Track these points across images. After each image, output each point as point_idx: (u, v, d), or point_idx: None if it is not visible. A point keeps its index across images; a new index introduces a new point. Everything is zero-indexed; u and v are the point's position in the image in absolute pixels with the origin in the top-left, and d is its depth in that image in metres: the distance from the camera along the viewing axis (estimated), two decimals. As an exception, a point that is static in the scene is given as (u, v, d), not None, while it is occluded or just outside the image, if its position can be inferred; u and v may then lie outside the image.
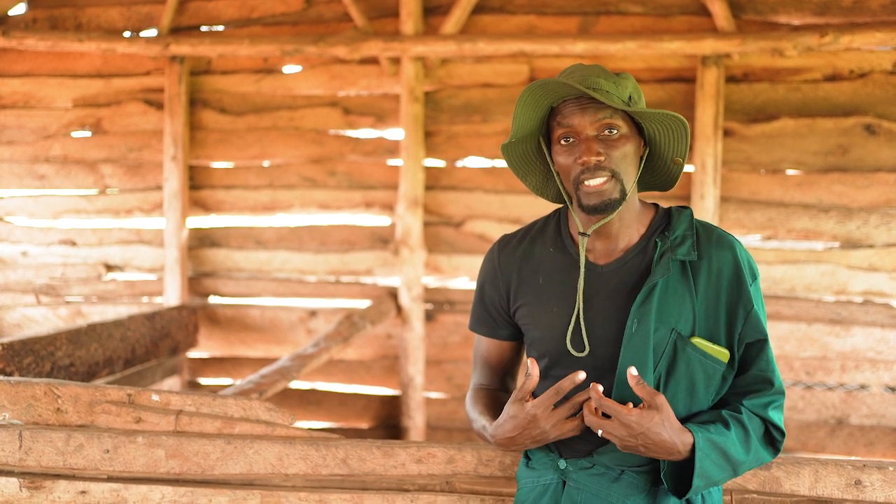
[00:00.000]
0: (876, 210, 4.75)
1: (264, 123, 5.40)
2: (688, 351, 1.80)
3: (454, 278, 5.29)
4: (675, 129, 1.82)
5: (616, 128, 1.78)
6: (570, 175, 1.81)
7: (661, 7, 4.85)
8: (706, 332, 1.82)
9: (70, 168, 5.60)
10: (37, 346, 3.50)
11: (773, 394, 1.85)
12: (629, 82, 1.83)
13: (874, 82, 4.71)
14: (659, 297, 1.80)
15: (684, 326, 1.81)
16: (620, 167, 1.78)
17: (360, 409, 5.45)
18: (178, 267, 5.35)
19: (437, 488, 2.18)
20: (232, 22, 5.34)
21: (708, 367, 1.81)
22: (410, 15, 4.96)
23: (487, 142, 5.13)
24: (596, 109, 1.77)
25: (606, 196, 1.77)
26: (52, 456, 2.27)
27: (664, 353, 1.80)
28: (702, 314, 1.82)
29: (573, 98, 1.80)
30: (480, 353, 2.10)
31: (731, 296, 1.83)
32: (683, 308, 1.81)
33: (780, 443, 1.86)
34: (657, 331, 1.79)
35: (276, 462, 2.24)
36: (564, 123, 1.79)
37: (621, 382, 1.78)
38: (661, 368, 1.80)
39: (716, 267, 1.83)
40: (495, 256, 2.02)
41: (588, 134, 1.77)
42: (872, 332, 4.72)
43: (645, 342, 1.78)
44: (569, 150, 1.80)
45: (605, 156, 1.76)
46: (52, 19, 5.48)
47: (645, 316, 1.78)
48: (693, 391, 1.81)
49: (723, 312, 1.82)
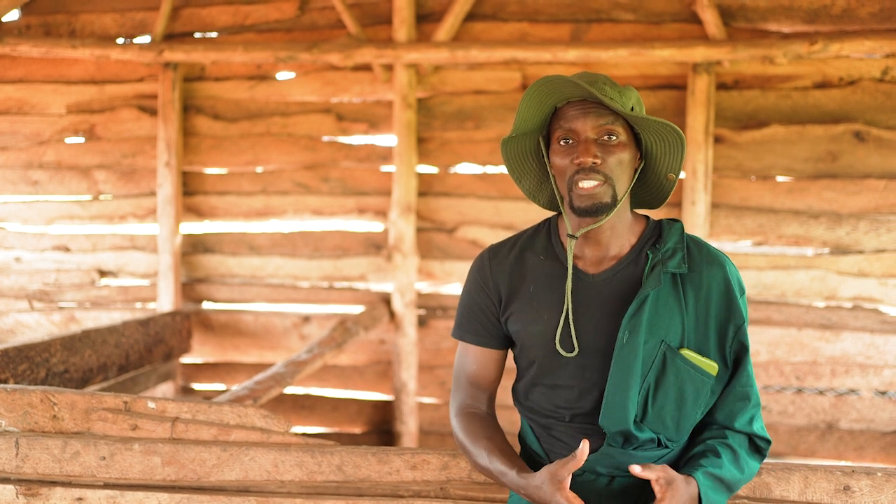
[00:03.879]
0: (865, 216, 4.78)
1: (258, 130, 5.42)
2: (677, 363, 1.82)
3: (447, 284, 5.31)
4: (672, 142, 1.84)
5: (616, 134, 1.80)
6: (564, 175, 1.83)
7: (652, 15, 4.89)
8: (696, 346, 1.84)
9: (64, 174, 5.61)
10: (32, 352, 3.51)
11: (752, 408, 1.90)
12: (633, 94, 1.85)
13: (863, 89, 4.75)
14: (650, 308, 1.81)
15: (674, 338, 1.83)
16: (615, 173, 1.80)
17: (353, 414, 5.47)
18: (172, 273, 5.36)
19: (432, 494, 2.19)
20: (225, 29, 5.36)
21: (696, 380, 1.83)
22: (403, 22, 4.98)
23: (480, 148, 5.15)
24: (599, 114, 1.79)
25: (597, 199, 1.79)
26: (49, 463, 2.28)
27: (653, 365, 1.82)
28: (691, 327, 1.84)
29: (577, 101, 1.82)
30: (465, 367, 2.03)
31: (722, 311, 1.85)
32: (673, 320, 1.83)
33: (766, 450, 1.92)
34: (647, 342, 1.81)
35: (272, 469, 2.25)
36: (566, 125, 1.81)
37: (610, 394, 1.80)
38: (649, 380, 1.82)
39: (706, 282, 1.86)
40: (486, 265, 2.00)
41: (588, 137, 1.79)
42: (862, 337, 4.76)
43: (635, 353, 1.79)
44: (567, 150, 1.82)
45: (601, 159, 1.78)
46: (45, 25, 5.49)
47: (636, 327, 1.80)
48: (682, 403, 1.83)
49: (713, 327, 1.85)
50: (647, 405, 1.82)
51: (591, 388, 1.84)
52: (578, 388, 1.85)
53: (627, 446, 1.83)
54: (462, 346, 2.04)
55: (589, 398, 1.87)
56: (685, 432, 1.88)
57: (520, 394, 2.00)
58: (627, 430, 1.80)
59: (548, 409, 1.93)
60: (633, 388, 1.79)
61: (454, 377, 2.06)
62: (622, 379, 1.80)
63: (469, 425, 1.95)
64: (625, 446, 1.83)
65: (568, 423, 1.91)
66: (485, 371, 2.02)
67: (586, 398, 1.88)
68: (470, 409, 1.99)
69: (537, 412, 1.97)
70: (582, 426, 1.90)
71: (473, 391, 2.02)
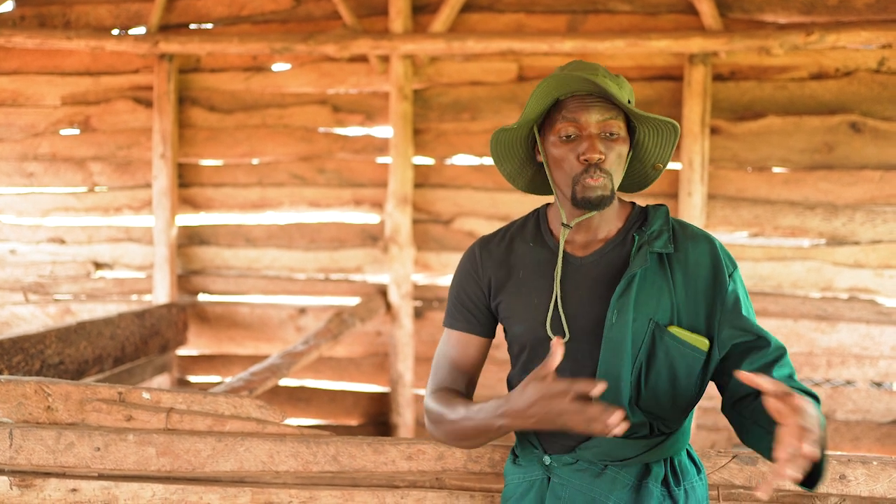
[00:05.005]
0: (861, 207, 4.79)
1: (253, 121, 5.40)
2: (666, 340, 1.82)
3: (443, 275, 5.31)
4: (666, 135, 1.86)
5: (617, 129, 1.81)
6: (565, 168, 1.83)
7: (648, 6, 4.88)
8: (687, 324, 1.84)
9: (59, 166, 5.60)
10: (26, 344, 3.50)
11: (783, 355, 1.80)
12: (627, 85, 1.86)
13: (859, 80, 4.74)
14: (637, 288, 1.82)
15: (662, 317, 1.83)
16: (614, 166, 1.82)
17: (349, 405, 5.47)
18: (168, 265, 5.35)
19: (427, 484, 2.19)
20: (221, 20, 5.34)
21: (687, 356, 1.83)
22: (399, 13, 4.97)
23: (476, 139, 5.15)
24: (602, 109, 1.80)
25: (602, 192, 1.80)
26: (43, 454, 2.28)
27: (643, 343, 1.82)
28: (681, 305, 1.84)
29: (580, 94, 1.82)
30: (448, 353, 2.01)
31: (711, 285, 1.85)
32: (661, 299, 1.83)
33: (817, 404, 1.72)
34: (635, 321, 1.81)
35: (267, 459, 2.25)
36: (569, 118, 1.81)
37: (602, 374, 1.80)
38: (641, 358, 1.82)
39: (693, 258, 1.86)
40: (476, 254, 2.01)
41: (592, 132, 1.80)
42: (858, 328, 4.76)
43: (624, 332, 1.80)
44: (570, 144, 1.82)
45: (605, 155, 1.79)
46: (40, 17, 5.46)
47: (624, 306, 1.80)
48: (674, 380, 1.84)
49: (702, 302, 1.85)
50: (641, 384, 1.82)
51: (582, 369, 1.84)
52: (570, 371, 1.85)
53: None
54: (447, 333, 2.03)
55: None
56: (681, 411, 1.87)
57: (514, 381, 2.00)
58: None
59: None
60: (625, 368, 1.80)
61: (434, 363, 2.03)
62: (613, 358, 1.80)
63: (444, 396, 1.93)
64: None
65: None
66: (467, 356, 2.01)
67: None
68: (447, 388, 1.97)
69: None
70: None
71: (454, 374, 2.00)
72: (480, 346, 2.03)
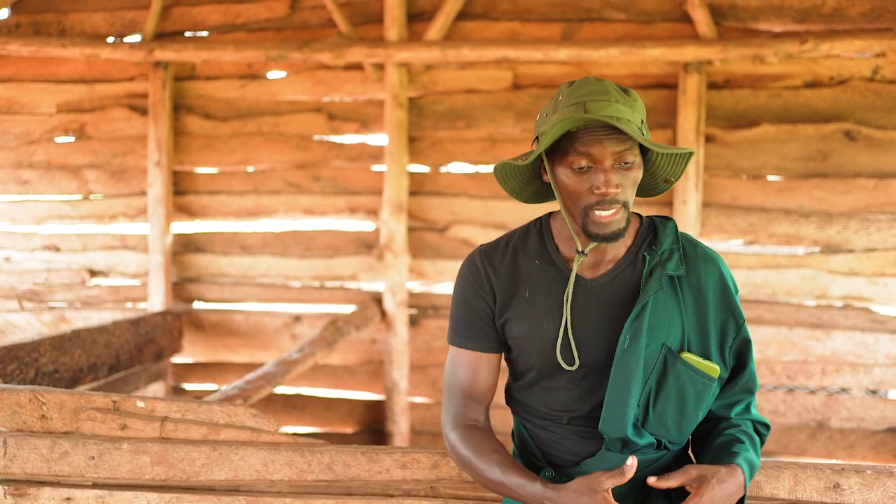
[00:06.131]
0: (855, 215, 4.80)
1: (249, 129, 5.40)
2: (678, 366, 1.81)
3: (438, 283, 5.31)
4: (680, 154, 1.83)
5: (632, 158, 1.75)
6: (577, 199, 1.77)
7: (643, 14, 4.89)
8: (698, 348, 1.83)
9: (54, 173, 5.59)
10: (21, 352, 3.49)
11: (752, 397, 1.94)
12: (640, 104, 1.78)
13: (853, 89, 4.76)
14: (650, 312, 1.80)
15: (674, 341, 1.81)
16: (628, 194, 1.76)
17: (344, 413, 5.46)
18: (163, 272, 5.34)
19: (422, 493, 2.19)
20: (216, 28, 5.34)
21: (698, 383, 1.82)
22: (395, 21, 4.98)
23: (471, 147, 5.15)
24: (617, 141, 1.72)
25: (616, 226, 1.75)
26: (37, 463, 2.27)
27: (654, 369, 1.80)
28: (691, 329, 1.83)
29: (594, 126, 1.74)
30: (459, 377, 1.94)
31: (721, 310, 1.85)
32: (673, 323, 1.82)
33: (765, 435, 1.96)
34: (648, 346, 1.79)
35: (262, 468, 2.25)
36: (583, 151, 1.73)
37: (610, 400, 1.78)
38: (651, 383, 1.80)
39: (703, 282, 1.85)
40: (479, 266, 1.93)
41: (606, 165, 1.73)
42: (852, 335, 4.77)
43: (636, 358, 1.77)
44: (583, 176, 1.75)
45: (620, 187, 1.74)
46: (35, 24, 5.46)
47: (637, 332, 1.77)
48: (683, 406, 1.82)
49: (713, 327, 1.84)
50: (649, 409, 1.80)
51: (590, 392, 1.83)
52: (577, 392, 1.84)
53: (626, 450, 1.82)
54: (455, 353, 1.95)
55: (588, 402, 1.86)
56: (686, 434, 1.88)
57: (515, 394, 1.98)
58: (626, 436, 1.79)
59: (544, 412, 1.92)
60: (634, 395, 1.77)
61: (447, 387, 1.96)
62: (623, 384, 1.77)
63: (472, 438, 1.87)
64: (623, 451, 1.82)
65: (566, 426, 1.89)
66: (482, 379, 1.94)
67: (585, 402, 1.86)
68: (467, 421, 1.91)
69: (533, 413, 1.95)
70: (580, 429, 1.88)
71: (469, 402, 1.93)
72: (493, 364, 1.96)
